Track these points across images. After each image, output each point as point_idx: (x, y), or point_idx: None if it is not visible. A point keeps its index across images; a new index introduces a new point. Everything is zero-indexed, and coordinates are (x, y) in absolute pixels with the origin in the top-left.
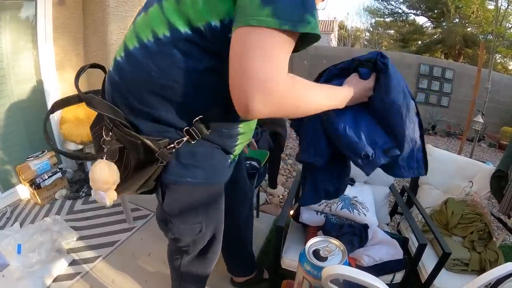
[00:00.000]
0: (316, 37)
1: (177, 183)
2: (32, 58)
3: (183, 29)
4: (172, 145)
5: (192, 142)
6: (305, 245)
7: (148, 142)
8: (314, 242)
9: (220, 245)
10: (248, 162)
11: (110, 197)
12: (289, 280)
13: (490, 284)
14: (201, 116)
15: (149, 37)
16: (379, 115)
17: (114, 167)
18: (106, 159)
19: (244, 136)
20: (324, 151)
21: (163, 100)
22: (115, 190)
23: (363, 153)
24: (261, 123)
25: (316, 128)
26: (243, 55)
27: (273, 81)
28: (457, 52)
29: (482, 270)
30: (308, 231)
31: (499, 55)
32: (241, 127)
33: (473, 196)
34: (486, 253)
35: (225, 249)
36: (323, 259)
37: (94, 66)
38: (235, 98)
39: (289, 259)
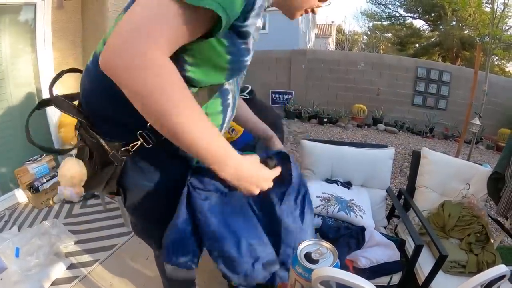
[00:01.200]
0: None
1: (134, 187)
2: (31, 62)
3: None
4: (127, 148)
5: (148, 147)
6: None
7: (102, 142)
8: (306, 245)
9: None
10: None
11: (77, 193)
12: (284, 283)
13: (483, 285)
14: None
15: (100, 47)
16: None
17: (81, 164)
18: (75, 157)
19: None
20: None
21: (117, 104)
22: (82, 186)
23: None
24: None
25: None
26: (130, 10)
27: (126, 43)
28: (454, 54)
29: (479, 272)
30: None
31: (496, 57)
32: None
33: (470, 198)
34: (484, 255)
35: None
36: (315, 261)
37: (73, 71)
38: (109, 40)
39: None
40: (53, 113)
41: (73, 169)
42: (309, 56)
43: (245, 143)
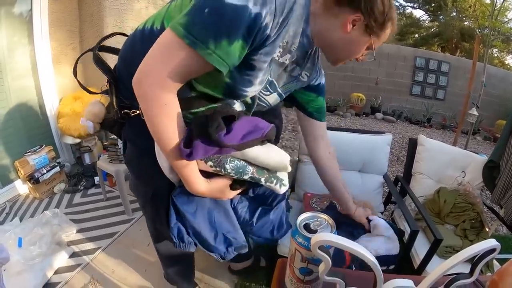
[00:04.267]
0: (215, 67)
1: (130, 142)
2: (28, 54)
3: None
4: (127, 111)
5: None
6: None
7: (114, 99)
8: (304, 217)
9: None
10: None
11: (95, 128)
12: (284, 259)
13: (475, 258)
14: None
15: (148, 25)
16: None
17: (103, 108)
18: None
19: None
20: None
21: (130, 77)
22: (100, 124)
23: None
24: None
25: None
26: (154, 48)
27: (147, 76)
28: (453, 45)
29: (473, 257)
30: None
31: (496, 50)
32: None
33: (466, 186)
34: (478, 241)
35: None
36: (313, 231)
37: (119, 34)
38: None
39: (286, 246)
40: (52, 104)
41: (96, 109)
42: None
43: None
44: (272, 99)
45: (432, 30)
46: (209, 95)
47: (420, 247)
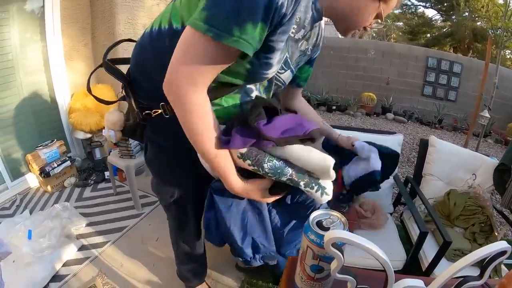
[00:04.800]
0: (242, 52)
1: (153, 142)
2: (40, 50)
3: (176, 25)
4: (149, 112)
5: (166, 116)
6: None
7: (133, 101)
8: (317, 214)
9: (195, 224)
10: None
11: (117, 136)
12: (294, 256)
13: (484, 261)
14: None
15: (156, 26)
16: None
17: (122, 115)
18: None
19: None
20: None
21: (151, 77)
22: (121, 132)
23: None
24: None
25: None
26: (180, 50)
27: (176, 77)
28: (466, 46)
29: (482, 261)
30: None
31: (509, 51)
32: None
33: (476, 188)
34: (487, 245)
35: None
36: (326, 229)
37: (126, 40)
38: (167, 73)
39: None
40: (64, 100)
41: (115, 117)
42: None
43: None
44: (286, 76)
45: (444, 30)
46: (228, 83)
47: (429, 250)
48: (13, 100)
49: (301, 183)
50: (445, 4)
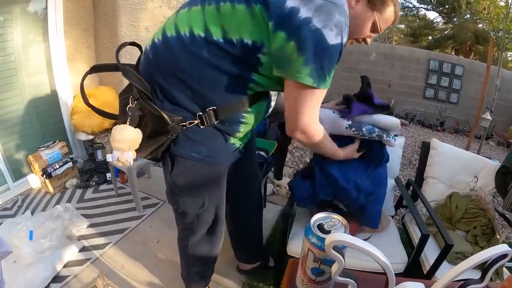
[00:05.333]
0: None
1: (184, 156)
2: (42, 51)
3: (216, 36)
4: (184, 123)
5: (201, 127)
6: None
7: (165, 115)
8: (318, 217)
9: (223, 227)
10: (256, 152)
11: (134, 156)
12: (295, 259)
13: (486, 264)
14: (214, 107)
15: (186, 32)
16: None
17: (139, 132)
18: (128, 123)
19: (246, 126)
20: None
21: (184, 85)
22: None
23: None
24: (269, 115)
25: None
26: (297, 105)
27: (310, 126)
28: (468, 48)
29: (483, 264)
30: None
31: (510, 53)
32: (246, 118)
33: (478, 191)
34: (489, 248)
35: (234, 234)
36: (327, 232)
37: (133, 44)
38: (288, 122)
39: (295, 246)
40: (66, 101)
41: (131, 134)
42: None
43: (256, 130)
44: None
45: (446, 32)
46: (264, 92)
47: (430, 252)
48: (16, 101)
49: (384, 135)
50: (447, 7)
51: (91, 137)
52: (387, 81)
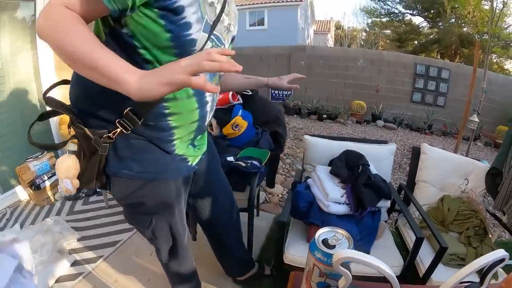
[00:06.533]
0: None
1: (117, 175)
2: (30, 59)
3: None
4: (109, 135)
5: (127, 133)
6: (307, 240)
7: (86, 130)
8: (322, 232)
9: (184, 247)
10: (249, 161)
11: (74, 185)
12: (297, 272)
13: (483, 269)
14: (130, 108)
15: None
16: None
17: (73, 157)
18: (68, 152)
19: (181, 130)
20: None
21: (95, 99)
22: (79, 182)
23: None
24: (260, 123)
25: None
26: None
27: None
28: (453, 52)
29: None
30: (309, 227)
31: (495, 55)
32: (172, 120)
33: (469, 193)
34: (482, 248)
35: (217, 252)
36: (332, 247)
37: (62, 83)
38: None
39: (292, 255)
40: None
41: (66, 162)
42: (309, 52)
43: (248, 139)
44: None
45: (431, 36)
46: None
47: (425, 255)
48: (2, 110)
49: None
50: (432, 11)
51: None
52: (374, 87)
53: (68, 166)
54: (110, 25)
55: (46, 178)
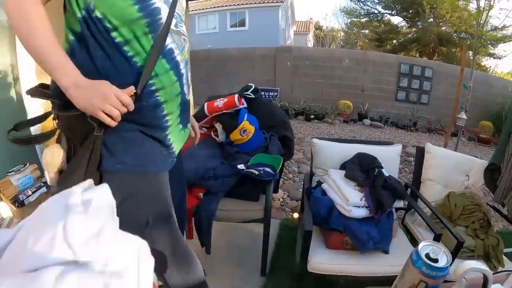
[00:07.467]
0: None
1: (110, 171)
2: (9, 63)
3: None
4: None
5: (123, 133)
6: (327, 246)
7: (76, 112)
8: (423, 246)
9: (184, 243)
10: (262, 168)
11: (50, 177)
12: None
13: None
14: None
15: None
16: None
17: (61, 149)
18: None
19: (169, 105)
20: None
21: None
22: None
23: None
24: (267, 127)
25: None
26: None
27: None
28: (431, 50)
29: (486, 255)
30: (329, 232)
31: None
32: (160, 96)
33: (471, 188)
34: (488, 239)
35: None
36: (435, 260)
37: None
38: None
39: (316, 263)
40: (33, 111)
41: (53, 149)
42: (295, 53)
43: (257, 145)
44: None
45: (410, 36)
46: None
47: None
48: None
49: None
50: (411, 11)
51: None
52: (360, 86)
53: (53, 152)
54: (83, 15)
55: (30, 193)
